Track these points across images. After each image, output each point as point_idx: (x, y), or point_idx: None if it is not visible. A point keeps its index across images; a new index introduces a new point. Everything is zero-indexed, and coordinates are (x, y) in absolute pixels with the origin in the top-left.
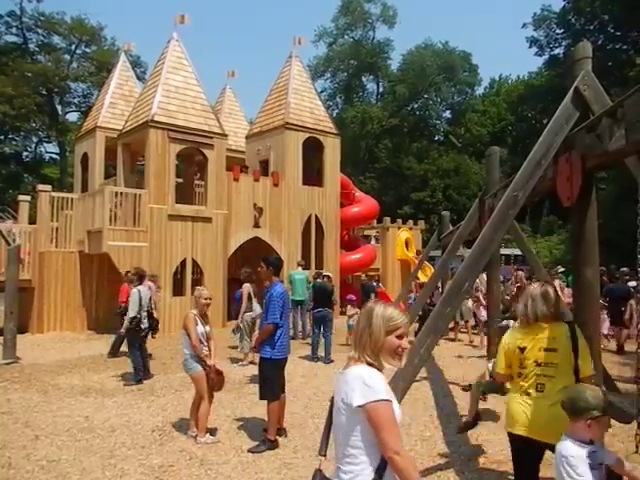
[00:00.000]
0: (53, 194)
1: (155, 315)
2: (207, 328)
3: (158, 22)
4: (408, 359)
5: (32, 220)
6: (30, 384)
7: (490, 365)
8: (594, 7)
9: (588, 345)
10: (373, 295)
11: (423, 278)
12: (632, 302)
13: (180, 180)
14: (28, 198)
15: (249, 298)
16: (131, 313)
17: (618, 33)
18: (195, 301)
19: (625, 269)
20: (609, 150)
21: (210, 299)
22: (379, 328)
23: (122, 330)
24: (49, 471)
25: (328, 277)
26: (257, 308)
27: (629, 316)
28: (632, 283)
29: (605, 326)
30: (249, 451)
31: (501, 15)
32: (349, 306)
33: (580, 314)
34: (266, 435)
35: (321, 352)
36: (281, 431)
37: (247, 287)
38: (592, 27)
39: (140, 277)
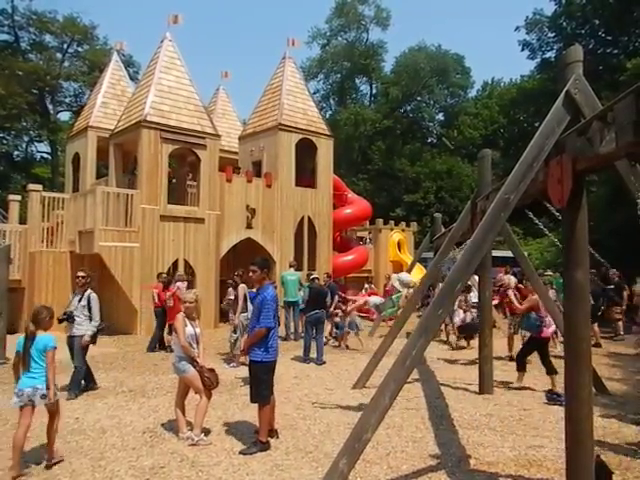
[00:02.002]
0: (44, 194)
1: None
2: (197, 330)
3: (151, 22)
4: (400, 360)
5: (23, 220)
6: None
7: None
8: (585, 11)
9: (579, 346)
10: (337, 297)
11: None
12: None
13: (173, 180)
14: (18, 198)
15: (244, 299)
16: (99, 319)
17: (609, 37)
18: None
19: (613, 270)
20: (600, 153)
21: (192, 302)
22: None
23: (87, 338)
24: (38, 473)
25: (317, 279)
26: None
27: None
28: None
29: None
30: (241, 453)
31: (494, 18)
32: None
33: (571, 315)
34: (257, 437)
35: (313, 354)
36: (272, 433)
37: (243, 288)
38: (583, 31)
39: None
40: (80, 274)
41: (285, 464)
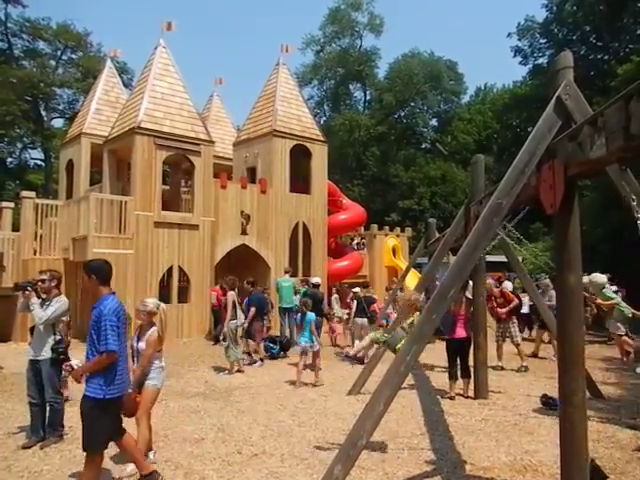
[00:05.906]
0: (37, 201)
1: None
2: (141, 345)
3: (145, 29)
4: (394, 366)
5: (16, 227)
6: (12, 394)
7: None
8: (576, 18)
9: (572, 350)
10: (322, 304)
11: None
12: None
13: (166, 187)
14: (11, 205)
15: (233, 306)
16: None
17: (600, 43)
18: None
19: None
20: (590, 158)
21: (148, 313)
22: None
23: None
24: None
25: (318, 285)
26: (242, 317)
27: None
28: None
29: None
30: None
31: (486, 25)
32: None
33: (564, 320)
34: (140, 473)
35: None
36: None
37: (232, 295)
38: (574, 37)
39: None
40: (42, 277)
41: (280, 471)
